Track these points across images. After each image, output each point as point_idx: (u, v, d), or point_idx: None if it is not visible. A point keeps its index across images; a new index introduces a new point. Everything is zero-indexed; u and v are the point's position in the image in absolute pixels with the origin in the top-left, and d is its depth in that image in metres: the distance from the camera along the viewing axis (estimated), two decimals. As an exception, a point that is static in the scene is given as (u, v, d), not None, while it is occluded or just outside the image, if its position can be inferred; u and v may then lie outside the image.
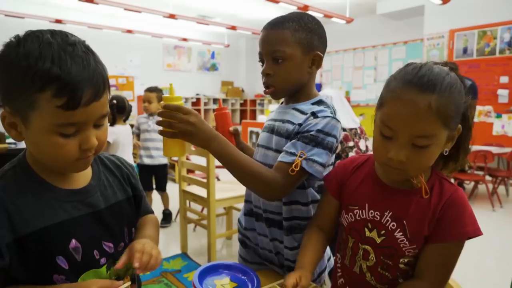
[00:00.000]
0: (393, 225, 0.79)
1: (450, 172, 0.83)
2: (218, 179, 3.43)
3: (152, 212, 0.96)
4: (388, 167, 0.75)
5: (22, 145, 2.68)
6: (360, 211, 0.84)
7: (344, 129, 2.15)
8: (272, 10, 6.39)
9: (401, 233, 0.78)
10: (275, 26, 0.96)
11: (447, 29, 5.54)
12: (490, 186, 4.22)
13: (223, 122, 1.14)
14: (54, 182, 0.73)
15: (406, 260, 0.79)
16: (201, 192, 2.59)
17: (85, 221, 0.74)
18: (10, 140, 2.77)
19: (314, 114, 0.93)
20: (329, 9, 5.92)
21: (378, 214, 0.81)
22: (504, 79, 5.04)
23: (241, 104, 9.93)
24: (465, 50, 5.39)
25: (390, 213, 0.79)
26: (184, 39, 8.27)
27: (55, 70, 0.60)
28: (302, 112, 0.97)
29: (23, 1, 6.40)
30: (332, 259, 1.13)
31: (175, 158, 3.37)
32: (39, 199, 0.70)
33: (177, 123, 0.83)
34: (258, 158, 1.06)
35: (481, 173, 4.19)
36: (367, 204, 0.83)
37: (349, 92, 8.00)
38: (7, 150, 2.54)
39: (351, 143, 2.19)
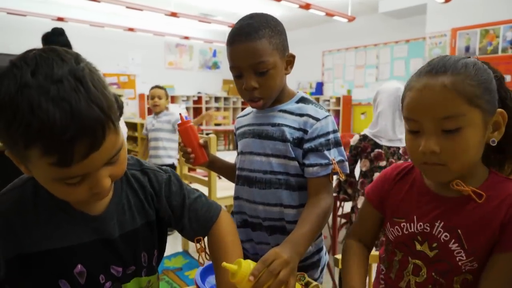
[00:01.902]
0: (445, 236, 0.71)
1: (509, 173, 0.74)
2: (220, 177, 3.43)
3: (216, 218, 0.81)
4: (426, 166, 0.69)
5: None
6: (408, 224, 0.76)
7: (378, 146, 1.92)
8: (274, 9, 6.38)
9: (456, 244, 0.70)
10: (250, 37, 0.90)
11: (449, 27, 5.52)
12: None
13: (189, 137, 1.07)
14: (72, 203, 0.66)
15: (461, 278, 0.71)
16: (203, 190, 2.59)
17: (94, 247, 0.68)
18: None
19: (314, 118, 0.96)
20: (331, 7, 5.90)
21: (428, 225, 0.73)
22: (507, 78, 4.98)
23: (243, 103, 9.92)
24: (467, 49, 5.37)
25: (442, 223, 0.71)
26: (186, 38, 8.26)
27: (35, 124, 0.48)
28: (291, 113, 0.99)
29: (25, -1, 6.41)
30: (327, 253, 1.12)
31: (177, 156, 3.37)
32: (52, 217, 0.65)
33: (282, 275, 0.69)
34: (246, 166, 1.04)
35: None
36: (415, 216, 0.75)
37: (350, 91, 7.98)
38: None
39: (383, 163, 1.90)
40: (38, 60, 0.52)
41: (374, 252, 0.99)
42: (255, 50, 0.91)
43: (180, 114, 1.15)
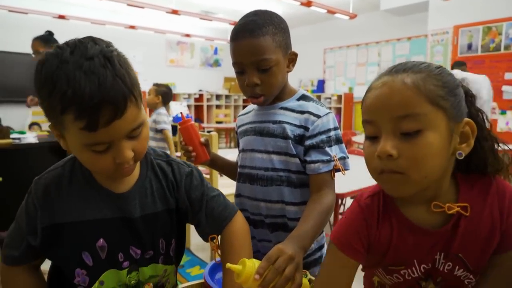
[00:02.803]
0: (448, 266, 0.66)
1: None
2: (221, 175, 3.44)
3: (231, 218, 0.85)
4: (383, 175, 0.61)
5: (26, 140, 2.69)
6: (409, 270, 0.68)
7: None
8: (275, 6, 6.36)
9: (462, 270, 0.66)
10: (254, 33, 0.90)
11: (451, 24, 5.50)
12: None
13: (191, 135, 1.06)
14: (100, 180, 0.76)
15: None
16: (204, 188, 2.59)
17: (116, 224, 0.75)
18: (14, 135, 2.78)
19: (315, 115, 0.96)
20: (332, 5, 5.89)
21: (430, 263, 0.67)
22: (509, 76, 5.00)
23: (244, 100, 9.91)
24: (469, 46, 5.35)
25: (442, 254, 0.66)
26: (187, 35, 8.26)
27: (70, 93, 0.58)
28: (292, 110, 0.99)
29: (27, -4, 6.41)
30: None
31: (178, 154, 3.38)
32: (82, 194, 0.74)
33: (288, 271, 0.68)
34: (248, 163, 1.04)
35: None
36: (415, 260, 0.67)
37: (352, 88, 7.97)
38: (11, 145, 2.55)
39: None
40: (77, 43, 0.63)
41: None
42: (258, 47, 0.91)
43: (181, 113, 1.14)
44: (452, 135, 0.61)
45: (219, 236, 0.84)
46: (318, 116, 0.96)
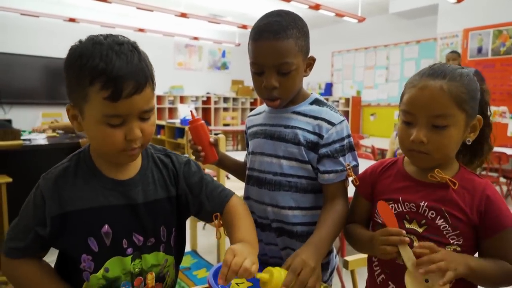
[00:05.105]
0: (432, 214, 0.81)
1: (475, 168, 0.89)
2: (228, 178, 3.44)
3: (230, 196, 0.93)
4: (412, 152, 0.82)
5: (36, 142, 2.73)
6: (396, 205, 0.85)
7: None
8: (283, 9, 6.36)
9: (442, 220, 0.80)
10: (278, 35, 0.89)
11: (461, 28, 5.45)
12: (504, 188, 4.14)
13: (200, 135, 1.05)
14: (104, 170, 0.81)
15: (451, 248, 0.79)
16: (211, 190, 2.59)
17: (120, 211, 0.80)
18: (25, 136, 2.82)
19: (329, 122, 0.96)
20: (340, 8, 5.88)
21: (414, 205, 0.83)
22: (520, 79, 4.93)
23: (251, 103, 9.93)
24: (479, 50, 5.29)
25: (426, 203, 0.82)
26: (195, 38, 8.30)
27: (102, 65, 0.67)
28: (305, 115, 0.98)
29: (38, 0, 6.50)
30: (337, 257, 1.12)
31: (186, 155, 3.38)
32: (87, 183, 0.79)
33: (311, 283, 0.77)
34: (256, 166, 1.03)
35: (495, 174, 4.12)
36: (400, 198, 0.85)
37: (360, 91, 7.93)
38: (22, 147, 2.59)
39: None
40: (108, 34, 0.74)
41: (363, 256, 1.09)
42: (281, 50, 0.89)
43: (191, 111, 1.13)
44: (467, 128, 0.81)
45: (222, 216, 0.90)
46: (333, 124, 0.95)
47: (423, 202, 0.82)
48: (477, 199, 0.79)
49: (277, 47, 0.89)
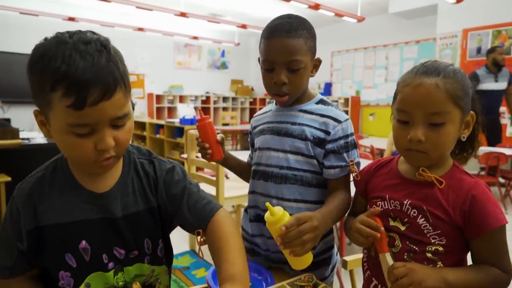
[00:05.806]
0: (414, 212, 0.81)
1: (464, 161, 0.90)
2: (227, 177, 3.44)
3: (216, 211, 0.81)
4: (410, 152, 0.80)
5: (36, 141, 2.72)
6: (382, 202, 0.87)
7: None
8: (283, 9, 6.37)
9: (423, 219, 0.80)
10: (290, 34, 0.95)
11: (460, 28, 5.45)
12: (503, 189, 4.14)
13: (208, 133, 1.08)
14: (81, 181, 0.75)
15: (433, 248, 0.79)
16: (210, 190, 2.60)
17: (99, 225, 0.74)
18: (23, 135, 2.81)
19: (336, 120, 1.01)
20: (340, 8, 5.88)
21: (398, 203, 0.84)
22: (519, 80, 4.93)
23: (251, 103, 9.93)
24: (479, 50, 5.30)
25: (409, 202, 0.82)
26: (195, 38, 8.30)
27: (63, 68, 0.59)
28: (311, 113, 1.03)
29: (37, -1, 6.50)
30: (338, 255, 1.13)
31: (184, 156, 3.39)
32: (63, 194, 0.73)
33: (307, 237, 0.79)
34: (263, 161, 1.06)
35: (493, 175, 4.12)
36: (387, 195, 0.86)
37: (359, 91, 7.94)
38: (21, 146, 2.58)
39: None
40: (76, 31, 0.65)
41: (358, 256, 1.10)
42: (292, 48, 0.95)
43: (199, 109, 1.15)
44: (462, 125, 0.80)
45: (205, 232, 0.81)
46: (339, 121, 1.00)
47: (406, 200, 0.83)
48: (461, 198, 0.78)
49: (289, 45, 0.95)
